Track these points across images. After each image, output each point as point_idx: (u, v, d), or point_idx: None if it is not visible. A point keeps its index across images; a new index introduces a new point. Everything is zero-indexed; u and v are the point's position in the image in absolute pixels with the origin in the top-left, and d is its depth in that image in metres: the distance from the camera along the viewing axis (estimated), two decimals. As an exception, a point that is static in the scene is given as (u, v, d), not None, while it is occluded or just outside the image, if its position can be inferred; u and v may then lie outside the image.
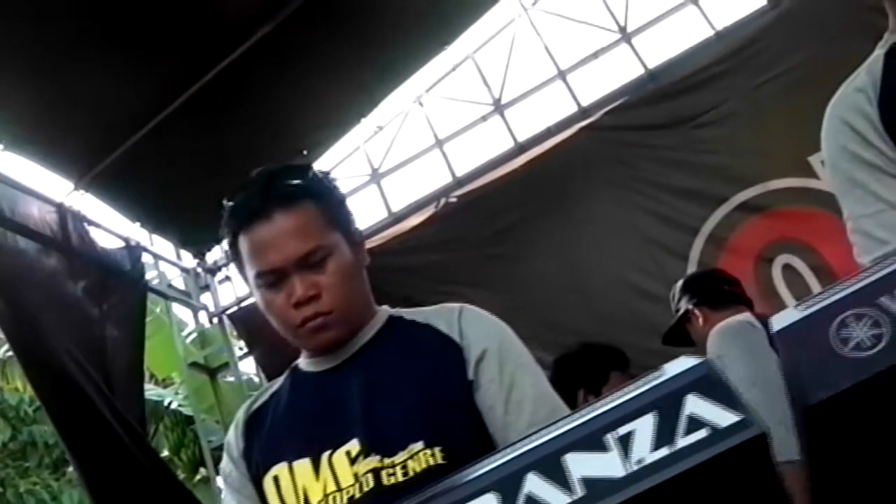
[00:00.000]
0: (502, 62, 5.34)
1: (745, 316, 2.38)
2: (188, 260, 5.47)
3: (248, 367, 5.95)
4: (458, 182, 5.21)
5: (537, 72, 5.29)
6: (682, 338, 2.98)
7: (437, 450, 1.36)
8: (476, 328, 1.50)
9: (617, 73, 5.14)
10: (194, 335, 6.02)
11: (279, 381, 1.62)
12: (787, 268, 4.45)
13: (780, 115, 4.44)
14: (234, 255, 1.54)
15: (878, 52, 1.53)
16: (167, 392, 7.14)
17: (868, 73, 1.50)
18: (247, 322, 5.35)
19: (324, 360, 1.55)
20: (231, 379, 5.42)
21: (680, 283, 3.15)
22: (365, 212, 5.46)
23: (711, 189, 4.62)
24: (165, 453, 6.74)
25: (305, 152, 5.32)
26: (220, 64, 4.60)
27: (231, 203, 1.55)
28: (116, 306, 4.63)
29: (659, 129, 4.81)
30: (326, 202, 1.55)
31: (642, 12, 5.17)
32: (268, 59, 4.68)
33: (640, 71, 5.08)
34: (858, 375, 0.57)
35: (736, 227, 4.61)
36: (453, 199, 5.08)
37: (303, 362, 1.59)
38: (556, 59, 5.25)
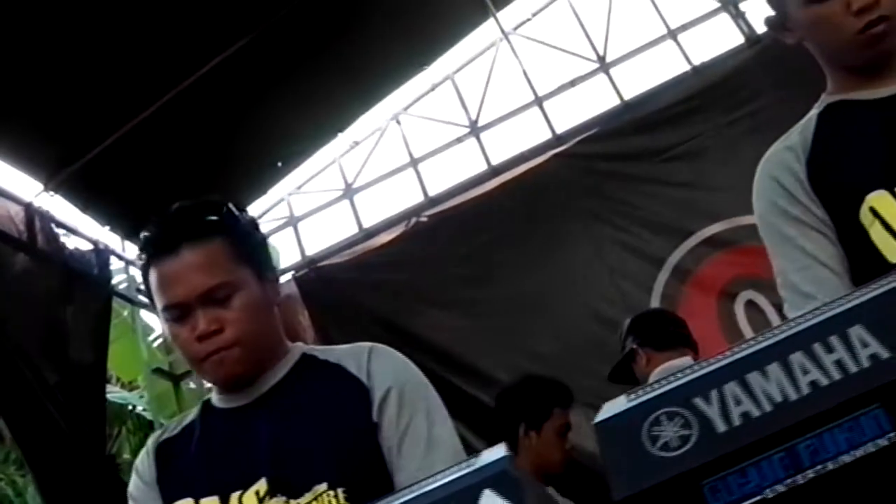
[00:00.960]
0: (481, 85, 5.37)
1: (686, 360, 2.41)
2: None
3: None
4: (431, 201, 5.23)
5: (514, 96, 5.32)
6: (627, 376, 3.01)
7: (340, 491, 1.37)
8: (383, 369, 1.52)
9: (593, 102, 5.18)
10: (160, 340, 6.00)
11: (191, 413, 1.63)
12: (751, 304, 4.48)
13: (752, 152, 4.45)
14: (147, 288, 1.55)
15: (813, 113, 1.57)
16: (132, 396, 7.11)
17: (800, 132, 1.53)
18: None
19: (235, 396, 1.56)
20: (193, 386, 5.40)
21: (627, 321, 3.18)
22: (336, 226, 5.47)
23: (679, 222, 4.66)
24: (127, 456, 6.70)
25: (280, 164, 5.33)
26: (198, 72, 4.62)
27: (143, 235, 1.57)
28: (81, 309, 4.63)
29: (631, 160, 4.86)
30: (237, 239, 1.56)
31: (621, 44, 5.21)
32: (246, 69, 4.70)
33: (617, 101, 5.11)
34: (660, 476, 0.59)
35: (701, 261, 4.64)
36: (424, 219, 5.11)
37: (214, 397, 1.60)
38: (533, 84, 5.28)
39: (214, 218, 1.55)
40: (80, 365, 4.48)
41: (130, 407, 7.30)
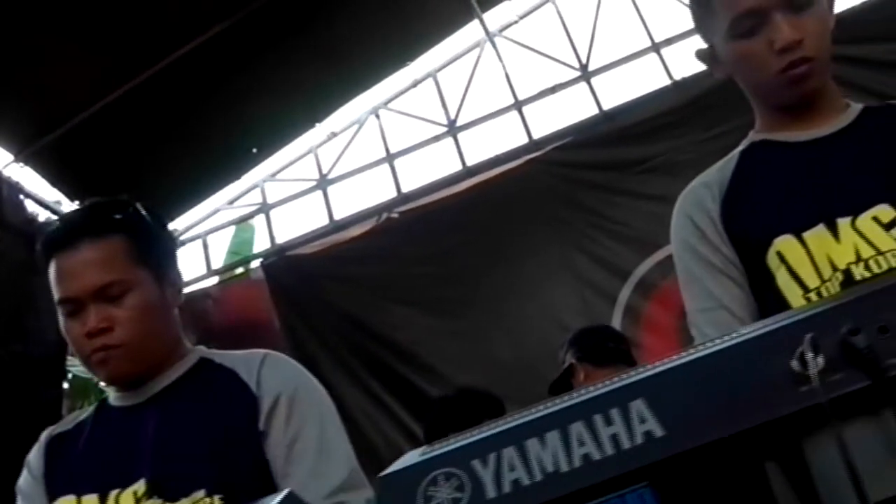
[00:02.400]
0: (462, 84, 5.36)
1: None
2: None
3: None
4: (404, 198, 5.22)
5: (495, 98, 5.32)
6: (566, 391, 3.01)
7: (216, 498, 1.37)
8: (273, 377, 1.51)
9: (572, 109, 5.18)
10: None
11: (87, 410, 1.63)
12: (714, 323, 4.48)
13: (726, 169, 4.49)
14: (47, 281, 1.54)
15: (737, 150, 1.56)
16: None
17: (720, 169, 1.52)
18: (182, 313, 5.33)
19: (128, 395, 1.56)
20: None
21: (569, 336, 3.18)
22: (308, 216, 5.47)
23: (648, 235, 4.64)
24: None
25: (255, 150, 5.32)
26: (175, 53, 4.60)
27: (48, 228, 1.57)
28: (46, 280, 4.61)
29: (606, 171, 4.85)
30: (139, 238, 1.55)
31: (604, 53, 5.21)
32: (228, 52, 4.68)
33: (596, 111, 5.10)
34: (423, 537, 0.58)
35: (667, 276, 4.62)
36: (395, 215, 5.10)
37: (111, 395, 1.60)
38: (514, 88, 5.27)
39: (118, 216, 1.55)
40: (45, 337, 4.47)
41: (95, 381, 7.29)
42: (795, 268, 1.31)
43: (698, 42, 1.55)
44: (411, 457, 0.65)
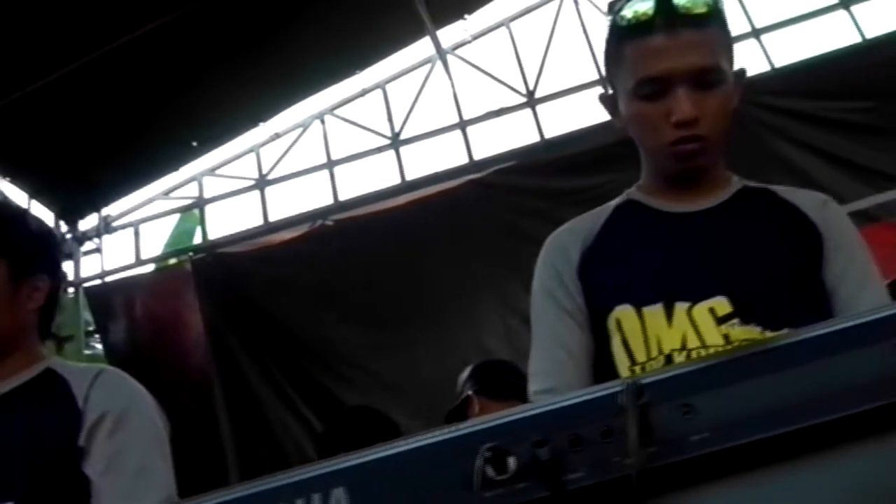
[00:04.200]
0: (410, 98, 5.37)
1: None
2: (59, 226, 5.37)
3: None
4: (341, 206, 5.21)
5: (440, 116, 5.34)
6: (461, 420, 3.03)
7: None
8: (102, 394, 1.49)
9: (515, 134, 5.21)
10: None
11: None
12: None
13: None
14: None
15: (611, 204, 1.56)
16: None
17: (593, 218, 1.52)
18: (102, 299, 5.29)
19: None
20: (88, 352, 5.37)
21: (469, 367, 3.19)
22: (243, 215, 5.44)
23: (575, 265, 4.67)
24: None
25: (196, 143, 5.28)
26: (122, 38, 4.55)
27: None
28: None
29: (544, 198, 4.86)
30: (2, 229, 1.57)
31: (552, 82, 5.25)
32: (171, 43, 4.63)
33: (538, 138, 5.14)
34: None
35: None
36: (330, 222, 5.09)
37: None
38: (461, 107, 5.29)
39: None
40: None
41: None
42: (628, 338, 1.32)
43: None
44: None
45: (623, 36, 1.37)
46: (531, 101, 5.23)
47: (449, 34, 5.44)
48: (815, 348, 0.67)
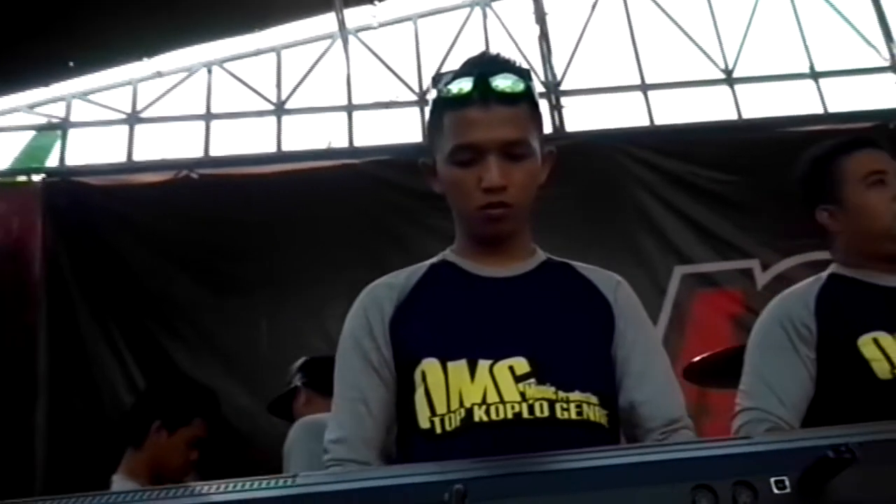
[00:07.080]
0: (303, 70, 5.31)
1: (320, 417, 2.43)
2: None
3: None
4: (211, 161, 5.10)
5: (330, 94, 5.30)
6: (285, 411, 3.07)
7: None
8: None
9: (400, 129, 5.24)
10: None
11: None
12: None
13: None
14: None
15: (428, 262, 1.63)
16: None
17: (409, 274, 1.58)
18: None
19: None
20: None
21: (302, 359, 3.22)
22: (106, 148, 5.23)
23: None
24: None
25: (72, 63, 5.04)
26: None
27: None
28: None
29: (412, 199, 4.90)
30: None
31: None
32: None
33: (421, 138, 5.18)
34: None
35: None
36: (195, 175, 4.96)
37: None
38: (352, 91, 5.27)
39: None
40: None
41: None
42: (431, 390, 1.41)
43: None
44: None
45: (444, 107, 1.49)
46: (422, 100, 5.27)
47: (356, 15, 5.41)
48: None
